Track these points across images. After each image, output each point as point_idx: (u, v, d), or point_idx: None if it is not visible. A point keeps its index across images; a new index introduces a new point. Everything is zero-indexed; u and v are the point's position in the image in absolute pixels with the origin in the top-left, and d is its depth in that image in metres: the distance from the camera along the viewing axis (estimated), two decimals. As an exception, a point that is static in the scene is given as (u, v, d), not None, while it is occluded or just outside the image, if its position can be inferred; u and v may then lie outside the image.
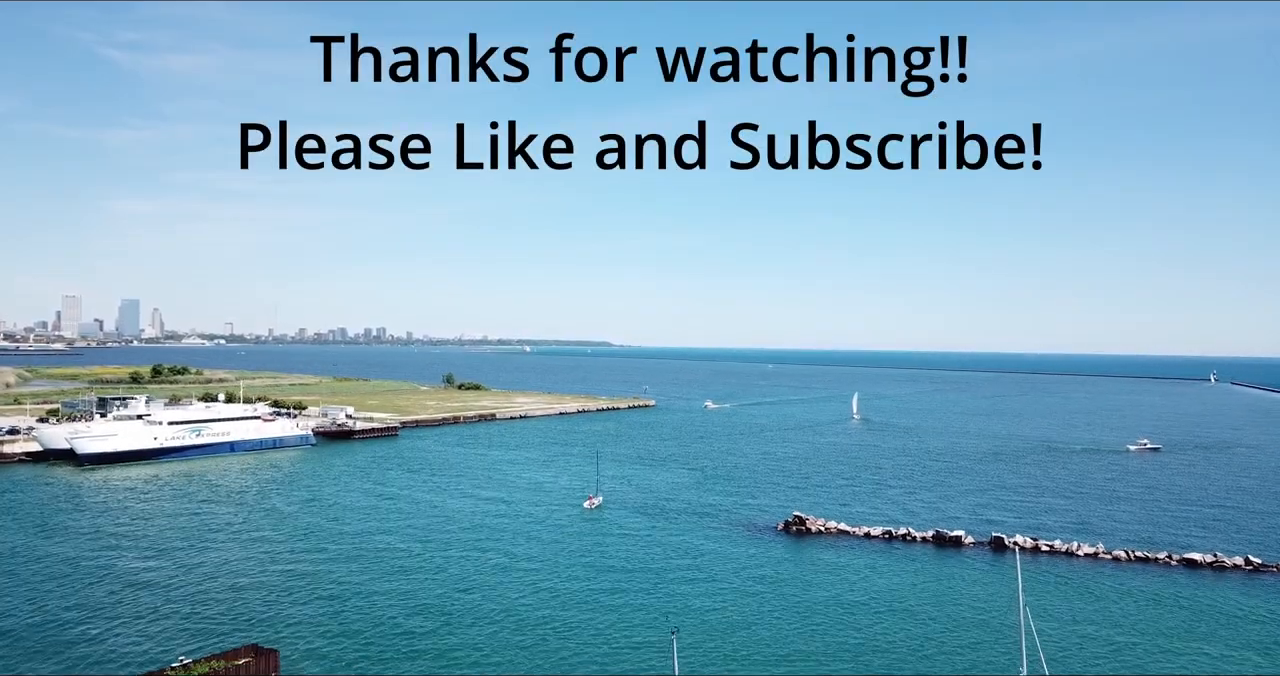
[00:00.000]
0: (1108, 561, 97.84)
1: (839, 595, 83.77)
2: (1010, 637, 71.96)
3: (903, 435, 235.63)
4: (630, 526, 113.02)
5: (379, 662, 64.07)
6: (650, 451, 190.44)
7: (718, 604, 79.56)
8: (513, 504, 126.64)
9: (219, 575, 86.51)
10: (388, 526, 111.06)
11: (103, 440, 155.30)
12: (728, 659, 65.86)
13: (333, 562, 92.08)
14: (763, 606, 79.38)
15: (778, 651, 67.90)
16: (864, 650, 68.44)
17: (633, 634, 70.96)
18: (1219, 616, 78.94)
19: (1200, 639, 72.44)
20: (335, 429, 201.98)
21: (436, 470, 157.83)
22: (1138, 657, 67.86)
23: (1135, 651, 69.28)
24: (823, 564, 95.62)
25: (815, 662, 65.41)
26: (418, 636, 69.58)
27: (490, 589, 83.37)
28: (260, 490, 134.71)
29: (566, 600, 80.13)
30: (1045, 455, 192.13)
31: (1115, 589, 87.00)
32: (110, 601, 77.51)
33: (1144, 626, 75.93)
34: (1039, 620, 64.25)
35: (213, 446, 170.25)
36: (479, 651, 66.55)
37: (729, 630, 72.30)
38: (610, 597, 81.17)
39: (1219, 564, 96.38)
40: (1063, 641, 69.75)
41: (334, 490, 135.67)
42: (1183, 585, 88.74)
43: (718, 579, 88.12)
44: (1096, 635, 72.58)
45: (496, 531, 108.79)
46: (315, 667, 62.99)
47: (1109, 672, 64.51)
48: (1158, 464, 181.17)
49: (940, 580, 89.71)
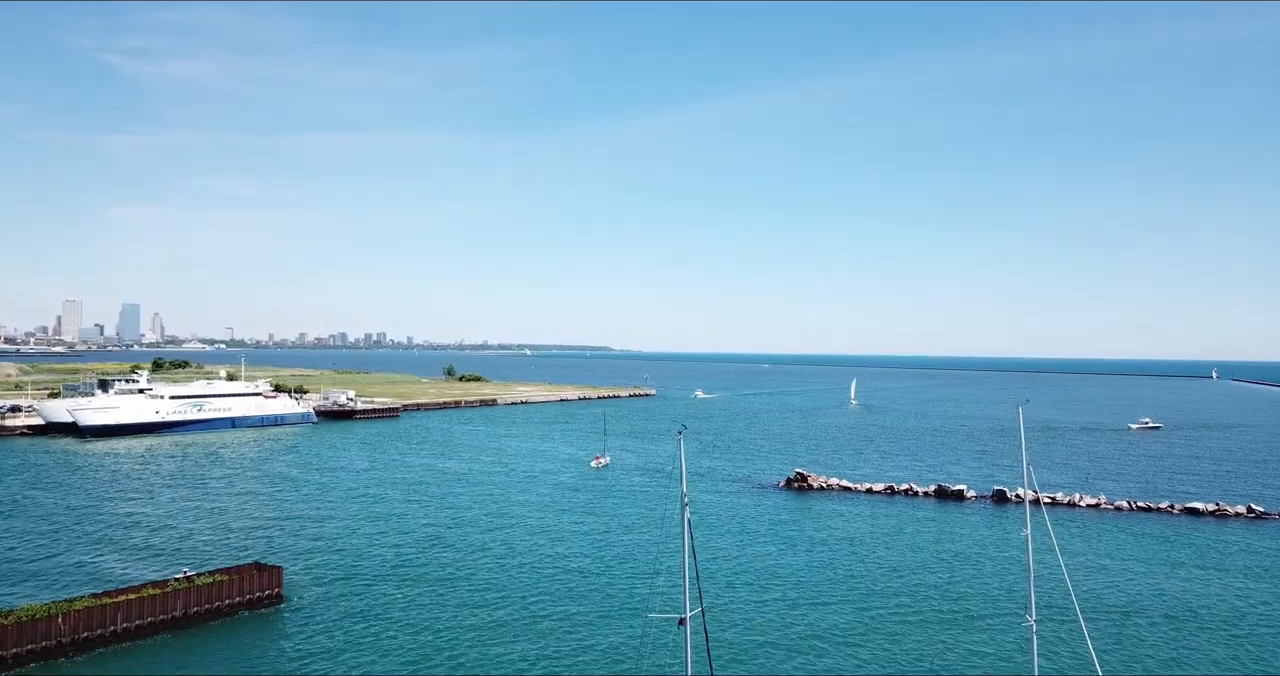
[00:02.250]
0: (1110, 511, 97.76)
1: (841, 532, 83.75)
2: (1015, 564, 72.01)
3: (903, 417, 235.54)
4: (636, 482, 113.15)
5: (377, 581, 64.03)
6: (652, 428, 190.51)
7: (722, 541, 79.44)
8: (518, 465, 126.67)
9: (220, 517, 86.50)
10: (388, 479, 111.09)
11: (104, 412, 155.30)
12: (731, 578, 65.75)
13: (332, 507, 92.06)
14: (764, 540, 79.33)
15: (776, 572, 67.80)
16: (868, 574, 68.33)
17: (632, 567, 70.88)
18: (1227, 550, 78.87)
19: (1211, 568, 72.29)
20: (336, 409, 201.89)
21: (439, 442, 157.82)
22: (1155, 581, 67.69)
23: (1151, 576, 69.14)
24: (825, 511, 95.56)
25: (817, 585, 65.28)
26: (416, 563, 69.48)
27: (492, 526, 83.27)
28: (260, 456, 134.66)
29: (569, 537, 79.99)
30: (1046, 433, 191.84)
31: (1122, 530, 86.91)
32: (107, 536, 77.48)
33: (1154, 556, 75.95)
34: (1046, 554, 64.13)
35: (214, 422, 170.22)
36: (481, 578, 66.42)
37: (731, 556, 72.23)
38: (614, 536, 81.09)
39: (1221, 512, 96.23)
40: (1075, 572, 69.57)
41: (334, 454, 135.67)
42: (1187, 528, 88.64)
43: (722, 521, 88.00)
44: (1108, 566, 72.43)
45: (500, 485, 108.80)
46: (316, 586, 62.93)
47: (1128, 594, 64.45)
48: (1159, 438, 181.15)
49: (943, 523, 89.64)
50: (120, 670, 46.45)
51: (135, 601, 52.65)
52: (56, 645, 48.64)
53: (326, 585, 63.30)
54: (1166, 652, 51.91)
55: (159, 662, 47.17)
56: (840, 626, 55.55)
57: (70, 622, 49.46)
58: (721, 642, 49.26)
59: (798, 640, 52.66)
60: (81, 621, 49.95)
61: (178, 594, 54.47)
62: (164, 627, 52.94)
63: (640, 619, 53.55)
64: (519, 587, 63.45)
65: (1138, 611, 59.99)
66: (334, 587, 62.62)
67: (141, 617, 52.52)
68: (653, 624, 50.36)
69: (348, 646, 50.72)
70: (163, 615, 53.48)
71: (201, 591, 55.66)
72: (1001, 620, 57.17)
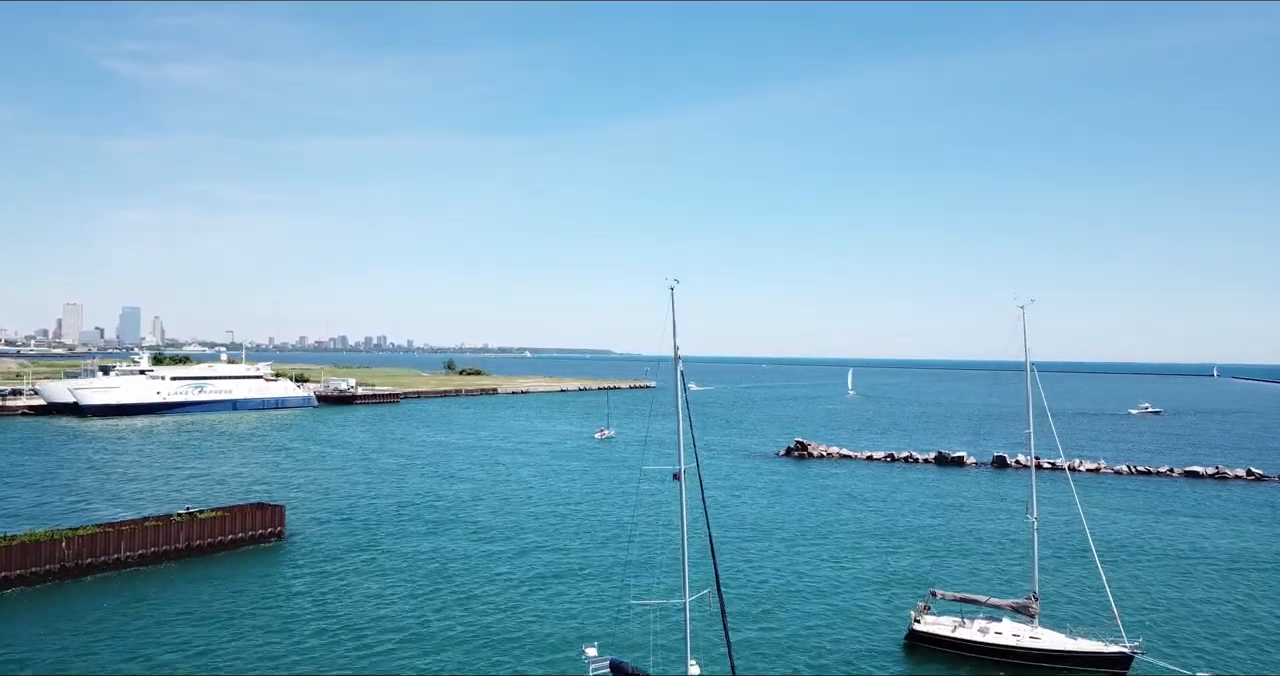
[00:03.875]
0: (1109, 474, 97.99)
1: (840, 488, 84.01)
2: (1017, 506, 72.25)
3: (901, 404, 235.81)
4: (639, 451, 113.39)
5: (376, 523, 64.25)
6: (655, 412, 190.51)
7: (718, 494, 79.62)
8: (519, 438, 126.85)
9: (218, 474, 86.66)
10: (387, 449, 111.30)
11: (106, 392, 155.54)
12: (725, 524, 65.96)
13: (330, 468, 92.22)
14: (760, 493, 79.53)
15: (771, 517, 68.02)
16: (867, 519, 68.53)
17: (625, 505, 71.08)
18: (1227, 503, 79.17)
19: (1212, 517, 72.53)
20: (337, 394, 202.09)
21: (439, 421, 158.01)
22: (1157, 525, 67.97)
23: (1154, 522, 69.44)
24: (826, 474, 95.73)
25: (813, 526, 65.46)
26: (413, 508, 69.67)
27: (489, 481, 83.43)
28: (260, 431, 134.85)
29: (567, 485, 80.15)
30: (1045, 417, 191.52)
31: (1122, 489, 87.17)
32: (104, 488, 77.63)
33: (1155, 507, 76.34)
34: (1050, 506, 64.15)
35: (215, 403, 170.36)
36: (476, 520, 66.59)
37: (725, 505, 72.43)
38: (611, 484, 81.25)
39: (1221, 474, 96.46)
40: (1083, 519, 69.88)
41: (334, 431, 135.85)
42: (1188, 488, 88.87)
43: (718, 481, 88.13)
44: (1112, 515, 72.63)
45: (500, 451, 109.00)
46: (317, 525, 63.16)
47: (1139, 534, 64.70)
48: (1158, 421, 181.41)
49: (943, 483, 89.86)
50: (124, 592, 46.62)
51: (138, 530, 52.89)
52: (60, 569, 48.84)
53: (327, 525, 63.58)
54: (1170, 577, 52.22)
55: (161, 586, 47.34)
56: (836, 554, 55.83)
57: (74, 548, 49.68)
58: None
59: (787, 566, 52.90)
60: (85, 547, 50.16)
61: (181, 525, 54.72)
62: (166, 558, 53.14)
63: (627, 539, 53.79)
64: (512, 527, 63.77)
65: (1142, 548, 60.33)
66: (334, 527, 62.89)
67: (145, 547, 52.74)
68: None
69: (350, 572, 51.03)
70: (165, 546, 53.69)
71: (204, 525, 55.88)
72: (1003, 546, 57.45)
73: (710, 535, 29.67)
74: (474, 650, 37.98)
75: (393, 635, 39.70)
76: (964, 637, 38.20)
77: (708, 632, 39.04)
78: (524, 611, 43.63)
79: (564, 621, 42.04)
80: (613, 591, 46.32)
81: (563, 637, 39.44)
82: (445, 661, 36.59)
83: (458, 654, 37.51)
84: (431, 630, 40.51)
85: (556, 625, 41.46)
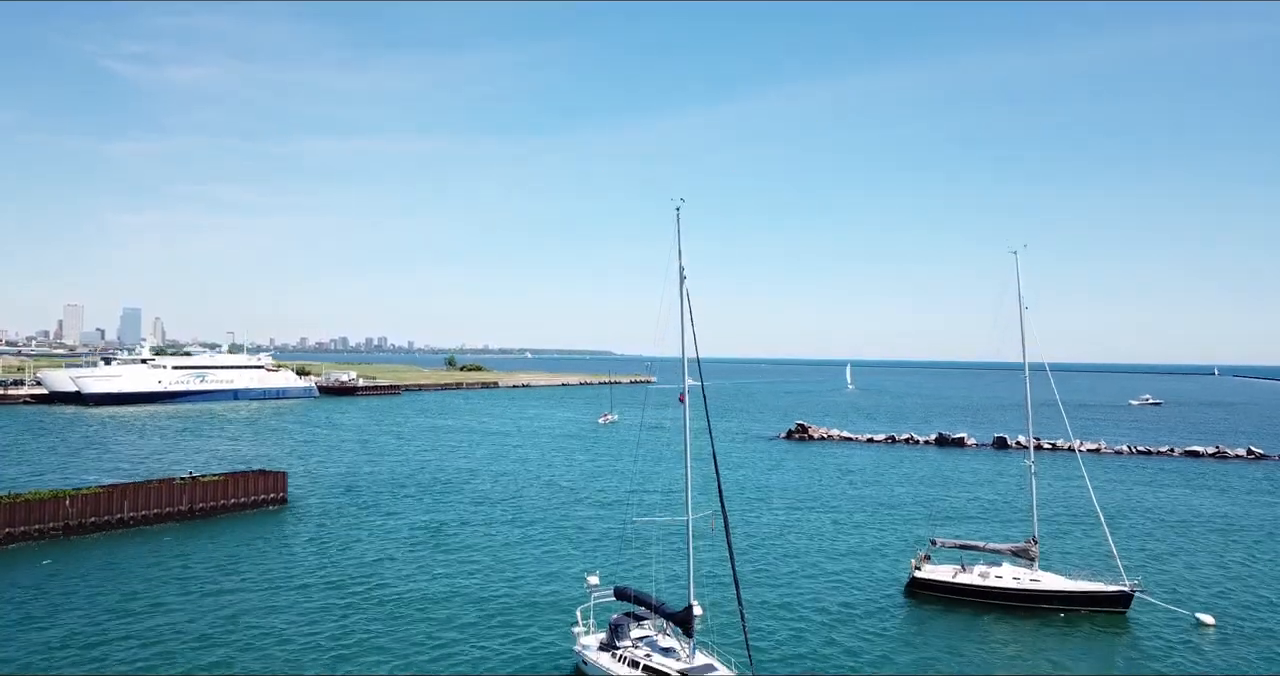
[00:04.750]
0: (1110, 454, 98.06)
1: (840, 465, 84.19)
2: (1017, 479, 72.40)
3: (900, 397, 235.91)
4: (644, 435, 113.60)
5: (377, 492, 64.47)
6: (658, 401, 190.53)
7: (724, 472, 79.70)
8: (522, 423, 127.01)
9: (220, 450, 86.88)
10: (388, 431, 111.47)
11: (107, 380, 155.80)
12: (729, 492, 66.15)
13: (331, 446, 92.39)
14: (761, 467, 79.75)
15: (771, 487, 68.29)
16: (868, 493, 68.73)
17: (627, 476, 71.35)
18: (1227, 478, 79.26)
19: (1212, 489, 72.65)
20: (338, 385, 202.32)
21: (440, 409, 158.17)
22: (1160, 497, 68.14)
23: (1156, 494, 69.57)
24: (825, 454, 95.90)
25: (813, 495, 65.66)
26: (413, 480, 69.89)
27: (490, 458, 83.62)
28: (261, 417, 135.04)
29: (569, 463, 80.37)
30: (1044, 408, 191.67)
31: (1124, 466, 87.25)
32: (103, 463, 77.84)
33: (1156, 480, 76.51)
34: (1050, 479, 64.36)
35: (217, 393, 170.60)
36: (476, 489, 66.79)
37: (727, 479, 72.67)
38: (615, 463, 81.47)
39: (1221, 454, 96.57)
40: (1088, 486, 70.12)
41: (336, 417, 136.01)
42: (1188, 465, 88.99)
43: (725, 459, 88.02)
44: (1115, 488, 72.81)
45: (503, 434, 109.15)
46: (319, 493, 63.38)
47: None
48: (1159, 411, 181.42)
49: (944, 460, 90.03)
50: (127, 547, 46.83)
51: (142, 489, 53.14)
52: (64, 526, 49.07)
53: (329, 493, 63.81)
54: (1168, 535, 52.41)
55: (164, 544, 47.53)
56: (835, 518, 56.06)
57: (77, 506, 49.91)
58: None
59: (786, 527, 53.10)
60: (88, 505, 50.40)
61: (184, 487, 54.92)
62: (169, 519, 53.36)
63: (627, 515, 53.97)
64: (511, 496, 63.97)
65: (1142, 512, 60.54)
66: (336, 495, 63.11)
67: (148, 507, 52.94)
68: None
69: (355, 527, 51.32)
70: (169, 507, 53.88)
71: (207, 487, 56.08)
72: (1002, 511, 57.66)
73: (714, 453, 29.89)
74: (484, 583, 38.19)
75: (400, 582, 39.93)
76: (964, 582, 38.37)
77: (709, 552, 39.35)
78: (527, 551, 43.85)
79: (568, 558, 42.21)
80: (615, 526, 46.59)
81: (565, 568, 39.65)
82: (453, 588, 36.79)
83: (469, 583, 37.71)
84: (436, 575, 40.75)
85: (559, 562, 41.64)
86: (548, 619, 34.51)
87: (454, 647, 31.35)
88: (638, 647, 27.78)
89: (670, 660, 26.83)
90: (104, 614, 34.42)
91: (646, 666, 26.45)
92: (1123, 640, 33.50)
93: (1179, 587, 40.73)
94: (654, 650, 27.68)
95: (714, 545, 42.25)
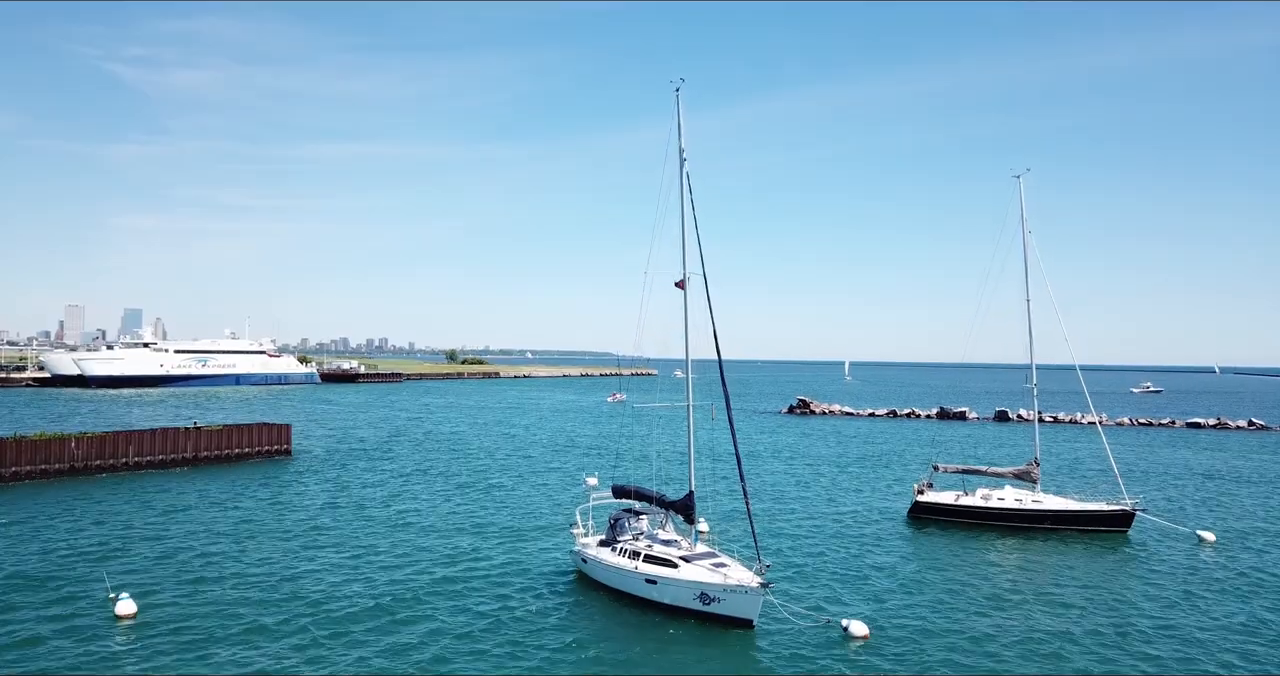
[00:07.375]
0: (1111, 426, 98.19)
1: (844, 433, 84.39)
2: (1022, 437, 72.50)
3: (899, 386, 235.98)
4: (652, 413, 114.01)
5: (380, 447, 64.73)
6: (657, 388, 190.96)
7: (725, 438, 79.97)
8: (528, 403, 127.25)
9: (222, 422, 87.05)
10: (389, 409, 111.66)
11: (110, 362, 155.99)
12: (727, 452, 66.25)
13: (332, 419, 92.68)
14: (765, 433, 79.99)
15: (773, 448, 68.51)
16: (871, 450, 68.94)
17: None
18: (1229, 443, 79.49)
19: (1216, 450, 72.88)
20: (340, 372, 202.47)
21: (442, 393, 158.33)
22: (1166, 456, 68.38)
23: (1163, 453, 69.80)
24: (826, 426, 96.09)
25: (812, 455, 65.84)
26: (419, 443, 70.13)
27: (497, 429, 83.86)
28: (263, 399, 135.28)
29: (575, 428, 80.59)
30: (1044, 396, 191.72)
31: (1126, 434, 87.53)
32: (107, 425, 78.03)
33: (1161, 442, 76.72)
34: (1061, 445, 64.64)
35: (218, 377, 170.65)
36: (480, 446, 67.01)
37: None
38: (620, 428, 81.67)
39: (1223, 425, 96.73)
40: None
41: (338, 396, 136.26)
42: (1191, 433, 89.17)
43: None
44: (1124, 449, 73.05)
45: (508, 411, 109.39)
46: (323, 447, 63.61)
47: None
48: (1160, 398, 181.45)
49: (944, 429, 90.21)
50: (133, 487, 47.03)
51: (147, 435, 53.31)
52: (69, 468, 49.27)
53: (332, 449, 64.03)
54: (1167, 471, 52.56)
55: (168, 487, 47.74)
56: (836, 469, 56.29)
57: (83, 448, 50.10)
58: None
59: (786, 477, 53.26)
60: (94, 448, 50.59)
61: (189, 434, 55.10)
62: (174, 465, 53.53)
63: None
64: (520, 452, 64.17)
65: (1144, 468, 60.70)
66: (340, 450, 63.33)
67: (153, 453, 53.12)
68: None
69: (364, 472, 51.52)
70: (174, 454, 54.06)
71: (212, 436, 56.25)
72: (1005, 456, 57.74)
73: (718, 345, 30.01)
74: (494, 511, 38.40)
75: (412, 516, 40.16)
76: (966, 504, 38.53)
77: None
78: (531, 478, 44.07)
79: (572, 472, 42.43)
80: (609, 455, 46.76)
81: (571, 477, 39.86)
82: (467, 516, 36.99)
83: (479, 512, 37.93)
84: (448, 511, 40.98)
85: (565, 477, 41.86)
86: (546, 540, 34.69)
87: (457, 557, 31.55)
88: (638, 540, 27.82)
89: (672, 549, 26.85)
90: (115, 537, 34.63)
91: (648, 556, 26.28)
92: (1126, 550, 33.66)
93: (1179, 508, 40.90)
94: (655, 541, 27.76)
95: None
